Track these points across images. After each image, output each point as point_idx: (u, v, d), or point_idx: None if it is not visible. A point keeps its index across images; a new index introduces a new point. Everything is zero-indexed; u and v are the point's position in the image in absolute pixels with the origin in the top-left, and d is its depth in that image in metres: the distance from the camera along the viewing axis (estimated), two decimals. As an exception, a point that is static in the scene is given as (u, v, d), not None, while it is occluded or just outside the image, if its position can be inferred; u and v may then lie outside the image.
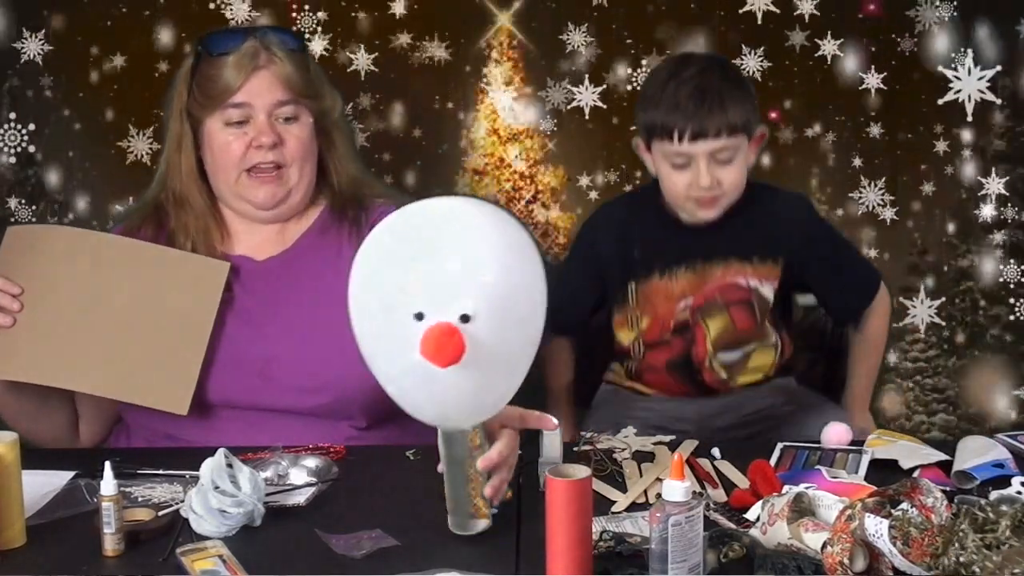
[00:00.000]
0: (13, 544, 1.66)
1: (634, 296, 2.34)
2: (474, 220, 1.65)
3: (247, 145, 2.10)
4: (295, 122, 2.12)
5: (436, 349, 1.55)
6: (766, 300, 2.32)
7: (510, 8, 2.72)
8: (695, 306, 2.31)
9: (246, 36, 2.10)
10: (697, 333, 2.32)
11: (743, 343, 2.34)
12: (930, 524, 1.51)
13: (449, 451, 1.69)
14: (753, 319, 2.32)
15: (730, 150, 2.21)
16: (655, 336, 2.35)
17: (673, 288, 2.31)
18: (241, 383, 2.06)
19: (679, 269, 2.31)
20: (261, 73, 2.09)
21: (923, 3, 2.73)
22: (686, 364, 2.35)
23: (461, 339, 1.55)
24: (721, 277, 2.31)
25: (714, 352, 2.33)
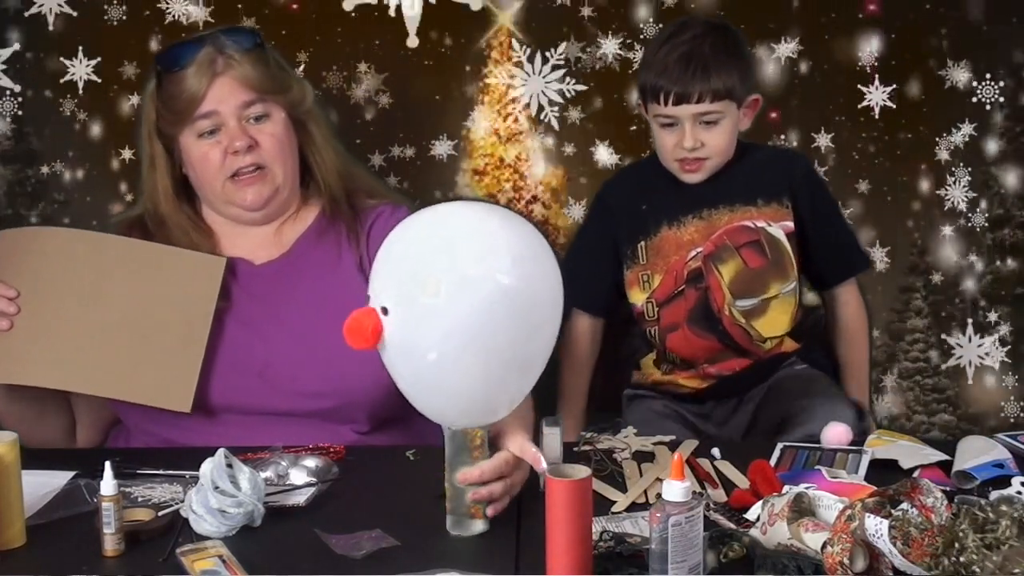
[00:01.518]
0: (13, 544, 1.67)
1: (644, 253, 2.38)
2: (492, 224, 1.66)
3: (224, 152, 2.10)
4: (267, 120, 2.12)
5: (349, 329, 1.60)
6: (776, 239, 2.36)
7: (510, 8, 2.71)
8: (707, 254, 2.36)
9: (201, 45, 2.09)
10: (711, 281, 2.35)
11: (759, 287, 2.36)
12: (930, 524, 1.51)
13: (453, 450, 1.69)
14: (765, 258, 2.35)
15: (715, 114, 2.28)
16: (669, 290, 2.37)
17: (683, 237, 2.36)
18: (241, 386, 2.05)
19: (687, 218, 2.36)
20: (221, 79, 2.08)
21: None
22: (706, 315, 2.37)
23: (378, 322, 1.60)
24: (728, 222, 2.36)
25: (732, 299, 2.35)
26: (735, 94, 2.30)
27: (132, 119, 2.71)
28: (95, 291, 2.03)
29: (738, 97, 2.31)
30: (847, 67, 2.75)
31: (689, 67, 2.27)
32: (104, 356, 2.00)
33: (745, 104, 2.34)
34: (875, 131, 2.77)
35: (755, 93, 2.38)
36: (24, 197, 2.73)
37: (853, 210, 2.79)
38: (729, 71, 2.29)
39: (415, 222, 1.71)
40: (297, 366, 2.06)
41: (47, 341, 1.99)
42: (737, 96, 2.31)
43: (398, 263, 1.67)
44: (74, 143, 2.73)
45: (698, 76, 2.27)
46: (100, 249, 2.08)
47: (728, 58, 2.29)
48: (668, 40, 2.33)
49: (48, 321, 2.00)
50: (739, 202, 2.36)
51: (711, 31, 2.32)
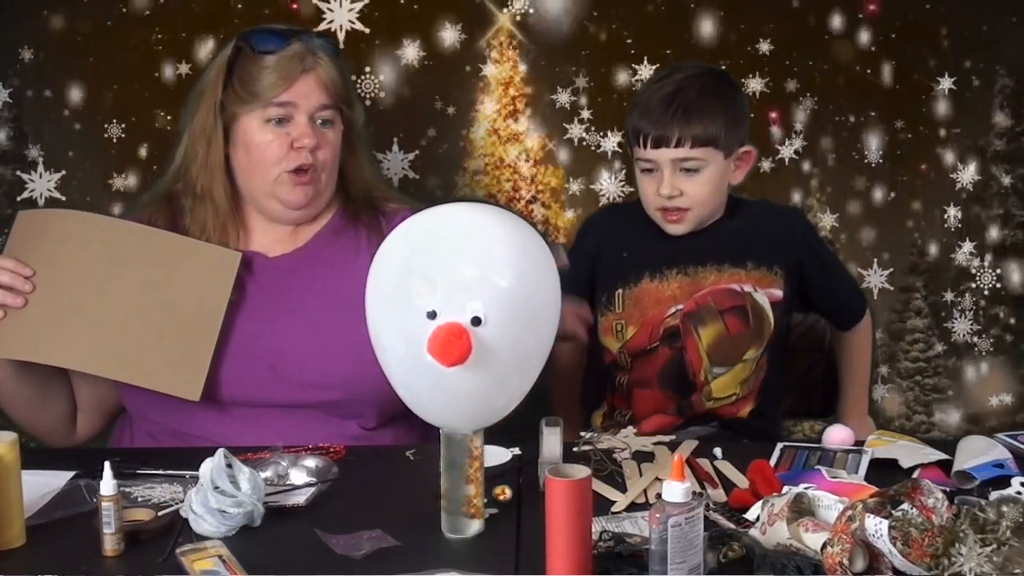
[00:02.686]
0: (13, 544, 1.67)
1: (621, 301, 2.28)
2: (491, 226, 1.66)
3: (288, 145, 2.11)
4: (331, 127, 2.14)
5: (442, 348, 1.56)
6: (761, 307, 2.26)
7: (510, 8, 2.72)
8: (687, 311, 2.25)
9: (290, 38, 2.11)
10: (688, 343, 2.25)
11: (735, 355, 2.26)
12: (930, 525, 1.51)
13: (449, 452, 1.69)
14: (747, 325, 2.25)
15: (695, 161, 2.18)
16: (642, 344, 2.28)
17: (663, 292, 2.26)
18: (251, 377, 2.06)
19: (671, 272, 2.26)
20: (308, 75, 2.10)
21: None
22: (679, 378, 2.27)
23: (469, 340, 1.56)
24: (715, 282, 2.25)
25: (710, 365, 2.25)
26: (719, 142, 2.18)
27: (133, 119, 2.71)
28: (110, 276, 2.03)
29: (723, 146, 2.19)
30: (847, 67, 2.75)
31: (670, 109, 2.17)
32: (116, 339, 2.01)
33: (734, 156, 2.22)
34: (875, 131, 2.77)
35: (746, 145, 2.24)
36: (24, 198, 2.73)
37: (853, 210, 2.79)
38: (713, 117, 2.17)
39: (413, 223, 1.71)
40: (307, 358, 2.06)
41: (60, 321, 2.00)
42: (722, 145, 2.19)
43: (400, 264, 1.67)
44: (75, 143, 2.73)
45: (678, 118, 2.16)
46: (117, 235, 2.08)
47: (715, 103, 2.19)
48: (657, 82, 2.24)
49: (62, 302, 2.00)
50: (728, 262, 2.25)
51: (703, 75, 2.23)
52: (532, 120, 2.75)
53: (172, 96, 2.68)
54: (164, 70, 2.70)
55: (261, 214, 2.19)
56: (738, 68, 2.72)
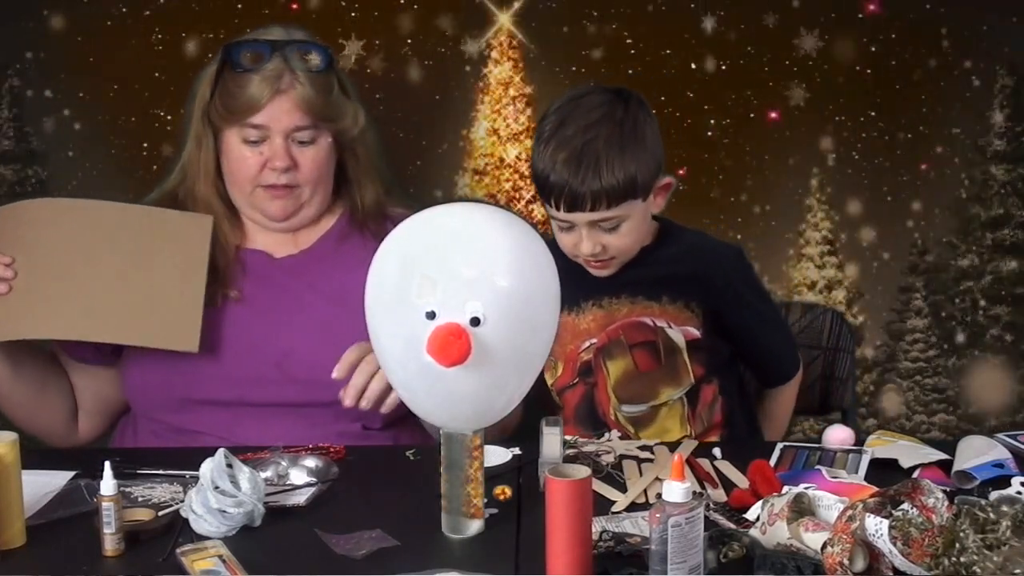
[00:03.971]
0: (13, 544, 1.67)
1: None
2: (490, 226, 1.66)
3: (262, 164, 2.12)
4: (311, 145, 2.14)
5: (442, 348, 1.56)
6: (674, 344, 2.12)
7: (510, 8, 2.72)
8: (599, 346, 2.13)
9: (273, 51, 2.10)
10: (599, 378, 2.14)
11: (647, 393, 2.13)
12: (930, 524, 1.51)
13: (449, 452, 1.69)
14: (658, 362, 2.12)
15: (614, 219, 2.03)
16: (567, 380, 2.17)
17: (579, 325, 2.14)
18: (258, 375, 2.07)
19: (587, 304, 2.13)
20: (281, 97, 2.09)
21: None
22: (591, 416, 2.16)
23: (468, 340, 1.56)
24: (627, 315, 2.13)
25: (618, 403, 2.14)
26: (637, 190, 2.01)
27: (134, 119, 2.71)
28: (90, 249, 2.07)
29: (642, 191, 2.02)
30: (847, 67, 2.75)
31: (580, 169, 1.98)
32: (106, 304, 2.04)
33: (655, 189, 2.06)
34: (875, 131, 2.77)
35: (664, 176, 2.07)
36: (24, 197, 2.73)
37: (853, 210, 2.79)
38: (627, 167, 1.99)
39: (413, 223, 1.71)
40: (315, 357, 2.06)
41: (48, 296, 2.03)
42: (641, 191, 2.02)
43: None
44: (74, 143, 2.73)
45: (590, 179, 1.98)
46: (90, 214, 2.12)
47: (627, 151, 2.00)
48: (559, 128, 2.02)
49: (47, 279, 2.03)
50: (642, 295, 2.11)
51: (608, 115, 2.02)
52: (533, 120, 2.75)
53: (172, 96, 2.68)
54: (164, 70, 2.70)
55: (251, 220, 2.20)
56: (738, 68, 2.72)
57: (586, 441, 2.03)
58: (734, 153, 2.75)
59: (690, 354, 2.13)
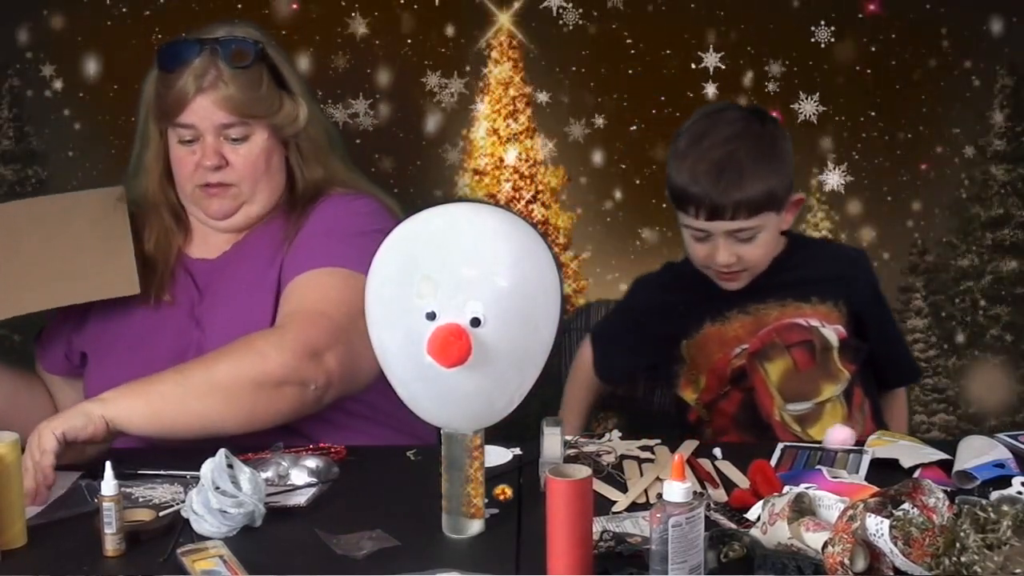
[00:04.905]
0: (14, 544, 1.66)
1: (687, 352, 2.21)
2: (490, 226, 1.66)
3: (196, 164, 2.12)
4: (244, 142, 2.12)
5: (442, 349, 1.56)
6: (828, 343, 2.16)
7: (510, 8, 2.72)
8: (752, 351, 2.17)
9: (200, 49, 2.08)
10: (756, 381, 2.17)
11: (811, 391, 2.17)
12: (931, 524, 1.51)
13: (449, 452, 1.69)
14: (814, 360, 2.16)
15: (752, 229, 2.09)
16: (714, 391, 2.20)
17: (727, 333, 2.18)
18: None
19: (732, 313, 2.17)
20: (204, 95, 2.08)
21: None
22: (754, 421, 2.18)
23: (468, 341, 1.56)
24: (778, 317, 2.16)
25: (783, 402, 2.17)
26: (775, 203, 2.09)
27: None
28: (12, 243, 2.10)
29: (778, 204, 2.10)
30: (847, 67, 2.75)
31: (722, 179, 2.06)
32: (38, 277, 2.07)
33: (788, 205, 2.13)
34: (875, 131, 2.77)
35: (796, 192, 2.16)
36: (24, 197, 2.73)
37: (853, 210, 2.79)
38: (767, 178, 2.07)
39: (413, 223, 1.71)
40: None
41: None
42: (777, 204, 2.09)
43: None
44: (74, 142, 2.73)
45: (732, 190, 2.05)
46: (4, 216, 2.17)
47: (767, 163, 2.08)
48: (699, 140, 2.10)
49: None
50: (791, 297, 2.16)
51: (748, 129, 2.10)
52: (533, 120, 2.75)
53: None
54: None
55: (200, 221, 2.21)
56: (737, 67, 2.73)
57: (586, 441, 2.03)
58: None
59: (840, 353, 2.17)
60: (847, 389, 2.18)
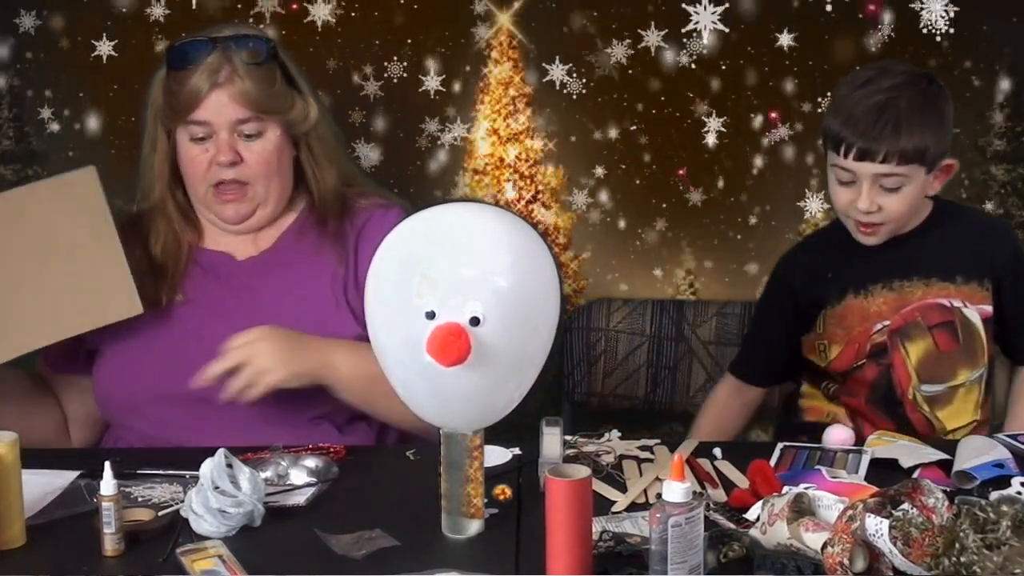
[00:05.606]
0: (13, 544, 1.67)
1: (823, 322, 2.22)
2: (490, 226, 1.66)
3: (210, 161, 2.11)
4: (258, 138, 2.12)
5: (441, 348, 1.56)
6: (971, 323, 2.18)
7: (510, 8, 2.71)
8: (893, 328, 2.17)
9: (212, 47, 2.08)
10: (896, 359, 2.18)
11: (947, 373, 2.19)
12: (931, 524, 1.51)
13: (449, 452, 1.69)
14: (957, 342, 2.17)
15: (898, 178, 2.08)
16: (848, 362, 2.21)
17: (869, 308, 2.18)
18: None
19: (876, 288, 2.18)
20: (220, 91, 2.08)
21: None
22: (887, 396, 2.20)
23: (468, 340, 1.56)
24: (922, 297, 2.17)
25: (918, 382, 2.18)
26: (926, 158, 2.08)
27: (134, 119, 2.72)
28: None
29: (929, 162, 2.09)
30: (847, 67, 2.75)
31: (879, 121, 2.06)
32: (35, 307, 2.01)
33: (938, 168, 2.13)
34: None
35: (949, 157, 2.14)
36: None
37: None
38: (923, 132, 2.07)
39: (413, 223, 1.71)
40: None
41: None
42: (928, 160, 2.09)
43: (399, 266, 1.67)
44: (74, 141, 2.73)
45: (888, 132, 2.05)
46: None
47: (926, 117, 2.08)
48: (863, 86, 2.11)
49: None
50: (936, 276, 2.16)
51: (912, 82, 2.11)
52: (532, 120, 2.75)
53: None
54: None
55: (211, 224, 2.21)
56: (737, 67, 2.72)
57: (586, 441, 2.03)
58: (734, 153, 2.75)
59: (985, 330, 2.18)
60: (988, 372, 2.20)
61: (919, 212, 2.20)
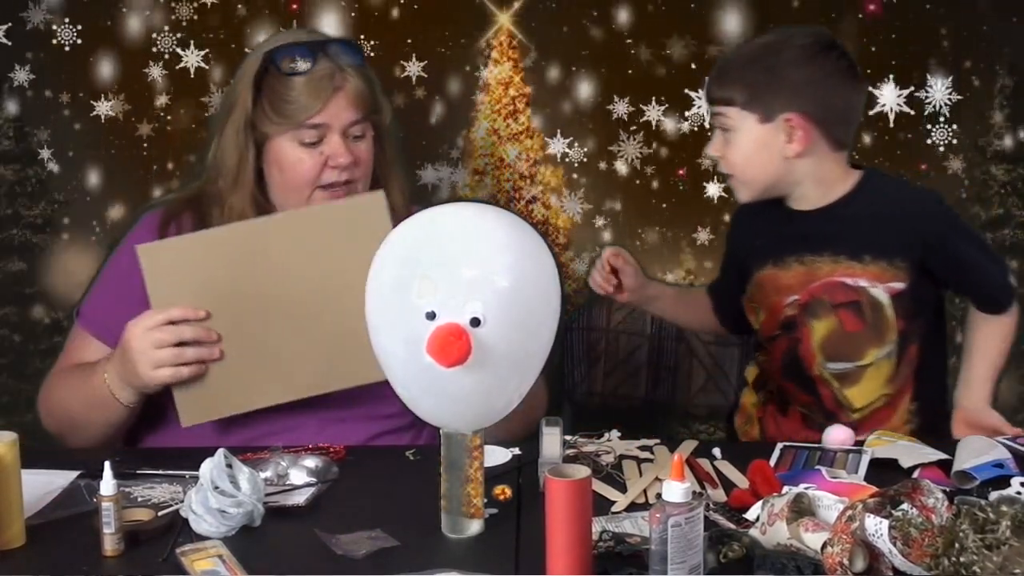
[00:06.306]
0: (13, 544, 1.67)
1: (752, 286, 2.26)
2: (490, 226, 1.66)
3: (322, 164, 2.11)
4: (363, 139, 2.14)
5: (441, 349, 1.56)
6: (879, 303, 2.15)
7: (510, 8, 2.72)
8: (802, 303, 2.18)
9: (315, 53, 2.09)
10: (803, 334, 2.19)
11: (853, 353, 2.17)
12: (930, 524, 1.51)
13: (449, 452, 1.69)
14: (864, 322, 2.16)
15: (724, 119, 2.14)
16: (769, 329, 2.24)
17: (782, 280, 2.20)
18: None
19: (790, 260, 2.19)
20: (338, 94, 2.09)
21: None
22: (797, 370, 2.21)
23: (468, 341, 1.56)
24: (829, 274, 2.16)
25: (823, 359, 2.18)
26: (753, 106, 2.11)
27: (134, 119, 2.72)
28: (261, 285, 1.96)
29: (760, 111, 2.11)
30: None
31: (719, 68, 2.19)
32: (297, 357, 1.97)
33: (775, 122, 2.11)
34: (875, 130, 2.77)
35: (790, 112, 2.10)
36: (24, 197, 2.73)
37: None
38: (749, 80, 2.12)
39: (413, 223, 1.71)
40: None
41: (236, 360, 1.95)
42: (759, 109, 2.11)
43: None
44: (75, 143, 2.73)
45: (714, 77, 2.17)
46: (251, 239, 1.99)
47: (749, 68, 2.14)
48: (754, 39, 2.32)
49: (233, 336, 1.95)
50: (845, 255, 2.15)
51: (773, 45, 2.16)
52: (532, 120, 2.75)
53: (170, 96, 2.68)
54: (164, 70, 2.70)
55: None
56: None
57: (586, 441, 2.04)
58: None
59: (895, 307, 2.16)
60: (900, 346, 2.18)
61: (837, 182, 2.17)
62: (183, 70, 2.70)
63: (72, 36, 2.69)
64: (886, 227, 2.15)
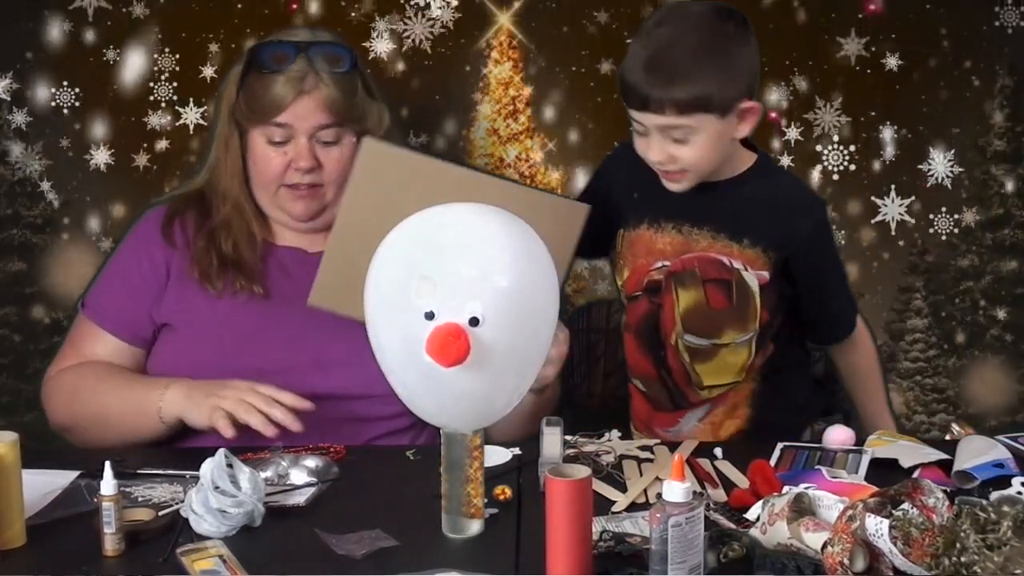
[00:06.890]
0: (13, 544, 1.67)
1: (621, 241, 2.18)
2: (490, 226, 1.66)
3: (286, 164, 2.14)
4: (335, 145, 2.15)
5: (441, 348, 1.56)
6: (748, 287, 2.09)
7: (510, 8, 2.72)
8: (672, 270, 2.11)
9: (297, 53, 2.11)
10: (667, 301, 2.12)
11: (713, 330, 2.11)
12: (931, 524, 1.51)
13: (449, 452, 1.69)
14: (729, 302, 2.10)
15: (685, 129, 1.97)
16: (632, 288, 2.17)
17: (655, 244, 2.13)
18: (298, 369, 2.07)
19: (667, 226, 2.11)
20: (306, 98, 2.11)
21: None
22: (653, 334, 2.16)
23: (467, 341, 1.56)
24: (706, 248, 2.10)
25: (683, 330, 2.12)
26: (711, 106, 1.96)
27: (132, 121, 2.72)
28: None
29: (717, 108, 1.97)
30: (847, 66, 2.75)
31: (655, 71, 1.95)
32: None
33: (734, 112, 2.00)
34: (875, 131, 2.77)
35: (749, 99, 2.01)
36: (24, 197, 2.73)
37: (853, 210, 2.79)
38: (702, 79, 1.95)
39: (413, 223, 1.71)
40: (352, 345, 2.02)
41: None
42: (716, 107, 1.97)
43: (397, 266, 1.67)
44: (74, 143, 2.73)
45: (660, 84, 1.95)
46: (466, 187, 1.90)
47: (705, 62, 1.96)
48: (649, 32, 2.01)
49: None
50: (725, 233, 2.09)
51: (700, 25, 2.00)
52: (532, 120, 2.75)
53: (172, 95, 2.68)
54: (164, 70, 2.70)
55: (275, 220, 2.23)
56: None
57: (586, 441, 2.04)
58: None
59: (762, 297, 2.11)
60: (758, 338, 2.14)
61: (733, 160, 2.10)
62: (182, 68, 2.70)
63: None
64: (770, 215, 2.10)
